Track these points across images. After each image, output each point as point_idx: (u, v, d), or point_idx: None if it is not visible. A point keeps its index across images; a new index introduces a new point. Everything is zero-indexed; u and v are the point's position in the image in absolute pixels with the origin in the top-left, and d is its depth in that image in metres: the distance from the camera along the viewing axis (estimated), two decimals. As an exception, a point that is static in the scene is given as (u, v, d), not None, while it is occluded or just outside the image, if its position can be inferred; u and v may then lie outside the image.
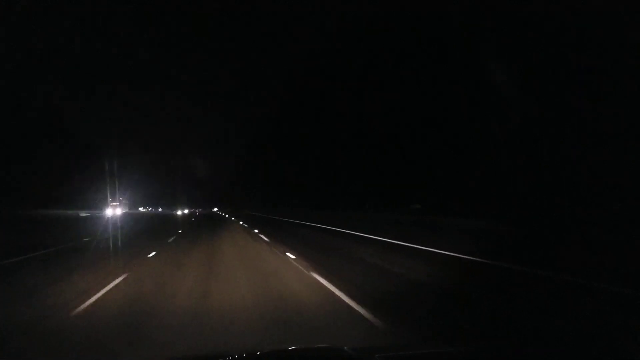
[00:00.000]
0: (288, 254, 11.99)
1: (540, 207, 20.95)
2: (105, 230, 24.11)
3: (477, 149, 24.97)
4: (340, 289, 6.90)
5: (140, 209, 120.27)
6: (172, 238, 19.57)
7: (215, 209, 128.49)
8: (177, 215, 75.60)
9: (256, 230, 23.67)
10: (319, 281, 7.74)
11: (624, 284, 6.78)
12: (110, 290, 7.41)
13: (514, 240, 13.78)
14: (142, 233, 24.33)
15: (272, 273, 8.92)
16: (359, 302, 6.00)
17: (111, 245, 16.78)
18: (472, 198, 24.79)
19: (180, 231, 25.36)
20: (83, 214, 41.54)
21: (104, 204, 50.17)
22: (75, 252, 14.18)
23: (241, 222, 35.53)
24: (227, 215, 61.32)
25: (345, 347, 2.82)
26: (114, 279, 8.28)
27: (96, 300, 6.59)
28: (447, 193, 26.61)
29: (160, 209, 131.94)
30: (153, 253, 13.06)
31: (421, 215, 23.67)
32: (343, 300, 6.25)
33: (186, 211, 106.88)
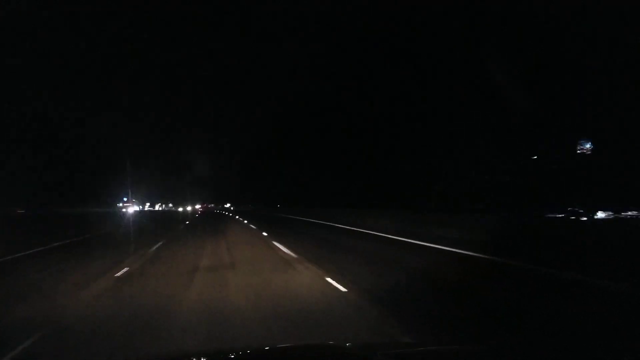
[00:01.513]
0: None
1: (540, 203, 20.98)
2: None
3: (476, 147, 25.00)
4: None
5: (137, 207, 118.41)
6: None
7: (228, 205, 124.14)
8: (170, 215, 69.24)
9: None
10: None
11: (625, 283, 6.80)
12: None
13: (514, 237, 13.77)
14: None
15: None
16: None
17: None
18: (474, 197, 24.84)
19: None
20: None
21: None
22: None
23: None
24: (239, 218, 47.80)
25: (347, 344, 2.84)
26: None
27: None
28: (450, 192, 26.62)
29: (170, 206, 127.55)
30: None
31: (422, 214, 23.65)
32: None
33: (197, 206, 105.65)
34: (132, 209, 56.88)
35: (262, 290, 6.94)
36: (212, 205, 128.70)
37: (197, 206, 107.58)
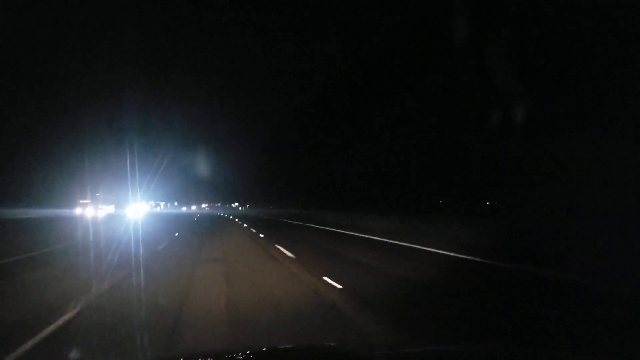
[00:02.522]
0: None
1: (537, 206, 20.94)
2: None
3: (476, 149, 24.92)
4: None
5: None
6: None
7: (236, 204, 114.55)
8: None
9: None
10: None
11: (623, 284, 6.81)
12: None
13: (514, 239, 13.76)
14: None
15: None
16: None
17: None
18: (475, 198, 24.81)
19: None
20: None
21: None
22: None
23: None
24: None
25: (347, 346, 2.86)
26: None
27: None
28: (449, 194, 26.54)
29: (176, 204, 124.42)
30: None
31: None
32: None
33: (204, 205, 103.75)
34: (91, 211, 42.14)
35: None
36: (219, 204, 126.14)
37: (204, 205, 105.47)
